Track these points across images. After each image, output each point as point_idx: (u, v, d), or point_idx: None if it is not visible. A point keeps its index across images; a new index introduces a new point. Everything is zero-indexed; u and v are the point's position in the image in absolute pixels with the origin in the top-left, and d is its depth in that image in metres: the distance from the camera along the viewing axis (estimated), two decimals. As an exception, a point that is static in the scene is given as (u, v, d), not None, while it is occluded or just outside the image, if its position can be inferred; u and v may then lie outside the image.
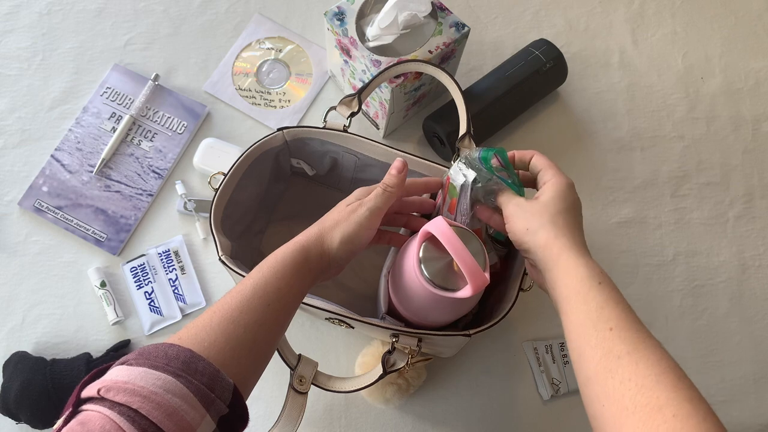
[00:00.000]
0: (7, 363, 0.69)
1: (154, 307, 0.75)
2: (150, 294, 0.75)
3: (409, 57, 0.72)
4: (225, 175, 0.65)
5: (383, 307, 0.63)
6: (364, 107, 0.80)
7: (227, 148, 0.80)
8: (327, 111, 0.69)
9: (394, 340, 0.59)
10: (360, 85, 0.76)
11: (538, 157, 0.58)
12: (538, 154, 0.58)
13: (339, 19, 0.74)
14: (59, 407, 0.66)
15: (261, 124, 0.85)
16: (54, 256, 0.77)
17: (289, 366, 0.60)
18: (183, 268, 0.77)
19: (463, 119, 0.68)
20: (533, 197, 0.55)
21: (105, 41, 0.88)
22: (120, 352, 0.71)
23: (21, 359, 0.69)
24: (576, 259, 0.50)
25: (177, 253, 0.77)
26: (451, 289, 0.53)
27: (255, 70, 0.87)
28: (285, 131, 0.68)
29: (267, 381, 0.72)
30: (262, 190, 0.72)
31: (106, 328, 0.74)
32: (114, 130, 0.82)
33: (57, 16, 0.89)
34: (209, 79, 0.86)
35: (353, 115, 0.69)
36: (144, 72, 0.85)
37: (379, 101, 0.77)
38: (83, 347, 0.73)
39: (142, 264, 0.76)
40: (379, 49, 0.73)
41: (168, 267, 0.76)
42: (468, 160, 0.57)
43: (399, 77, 0.72)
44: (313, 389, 0.61)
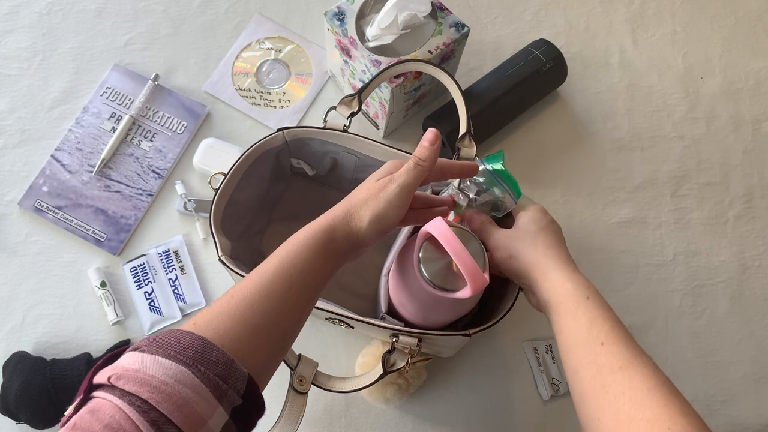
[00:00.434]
0: (7, 363, 0.69)
1: (154, 307, 0.75)
2: (150, 294, 0.75)
3: (409, 57, 0.72)
4: (225, 175, 0.65)
5: (383, 307, 0.63)
6: (364, 107, 0.80)
7: (227, 148, 0.80)
8: (327, 111, 0.69)
9: (394, 340, 0.59)
10: (360, 85, 0.76)
11: None
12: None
13: (339, 19, 0.74)
14: (59, 407, 0.66)
15: (261, 124, 0.85)
16: (54, 256, 0.77)
17: (289, 366, 0.60)
18: (183, 268, 0.77)
19: (463, 119, 0.68)
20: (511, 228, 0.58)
21: (105, 41, 0.88)
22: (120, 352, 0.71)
23: (21, 359, 0.69)
24: (562, 275, 0.51)
25: (177, 253, 0.77)
26: (451, 290, 0.53)
27: (255, 70, 0.87)
28: (285, 131, 0.68)
29: (267, 381, 0.72)
30: (262, 190, 0.72)
31: (106, 328, 0.74)
32: (114, 130, 0.82)
33: (57, 16, 0.89)
34: (209, 79, 0.86)
35: (353, 115, 0.69)
36: (144, 72, 0.85)
37: (379, 101, 0.77)
38: (83, 347, 0.73)
39: (142, 264, 0.76)
40: (379, 49, 0.73)
41: (168, 267, 0.76)
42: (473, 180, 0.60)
43: (399, 77, 0.72)
44: (313, 389, 0.61)
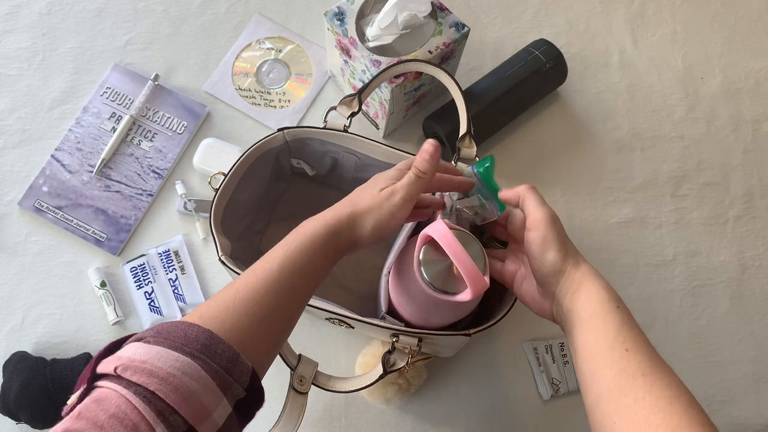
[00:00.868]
0: (7, 363, 0.69)
1: (154, 307, 0.75)
2: (150, 294, 0.75)
3: (409, 57, 0.72)
4: (225, 175, 0.65)
5: (383, 307, 0.63)
6: (364, 107, 0.80)
7: (227, 148, 0.80)
8: (327, 111, 0.69)
9: (394, 339, 0.59)
10: (360, 85, 0.76)
11: (508, 192, 0.60)
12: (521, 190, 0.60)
13: (339, 19, 0.74)
14: (59, 407, 0.65)
15: (261, 124, 0.85)
16: (54, 256, 0.77)
17: (290, 366, 0.60)
18: (183, 268, 0.77)
19: (463, 119, 0.68)
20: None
21: (105, 41, 0.88)
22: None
23: (21, 359, 0.69)
24: (597, 282, 0.52)
25: (177, 253, 0.77)
26: (451, 293, 0.53)
27: (255, 70, 0.87)
28: (285, 131, 0.68)
29: (267, 381, 0.72)
30: (262, 190, 0.72)
31: (106, 328, 0.74)
32: (114, 130, 0.82)
33: (57, 16, 0.89)
34: (209, 79, 0.86)
35: (353, 115, 0.69)
36: (144, 72, 0.85)
37: (379, 101, 0.77)
38: (83, 347, 0.73)
39: (142, 264, 0.76)
40: (379, 49, 0.73)
41: (168, 267, 0.76)
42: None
43: (399, 77, 0.72)
44: (313, 389, 0.61)
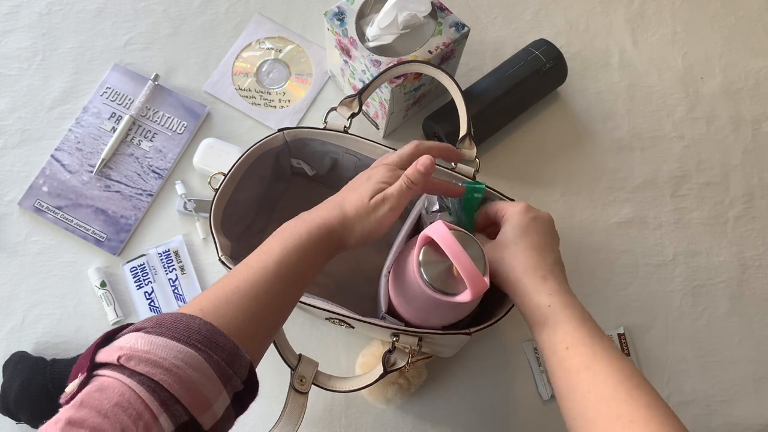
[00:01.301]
0: (7, 363, 0.69)
1: (154, 307, 0.75)
2: (150, 294, 0.75)
3: (409, 57, 0.72)
4: (225, 176, 0.65)
5: (383, 307, 0.63)
6: (364, 107, 0.80)
7: (227, 148, 0.80)
8: (327, 112, 0.69)
9: (394, 339, 0.59)
10: (360, 86, 0.76)
11: (490, 206, 0.63)
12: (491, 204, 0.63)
13: (339, 19, 0.74)
14: (59, 407, 0.66)
15: (261, 124, 0.85)
16: (54, 256, 0.77)
17: (290, 366, 0.60)
18: (183, 268, 0.77)
19: (463, 119, 0.68)
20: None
21: (105, 41, 0.88)
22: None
23: (21, 359, 0.69)
24: (531, 291, 0.53)
25: (177, 253, 0.77)
26: (451, 293, 0.53)
27: (255, 70, 0.87)
28: (285, 132, 0.68)
29: (267, 381, 0.72)
30: (262, 190, 0.72)
31: (106, 328, 0.74)
32: (114, 130, 0.82)
33: (57, 16, 0.89)
34: (209, 79, 0.86)
35: (354, 116, 0.69)
36: (144, 72, 0.85)
37: (379, 101, 0.77)
38: (83, 347, 0.73)
39: (142, 264, 0.76)
40: (379, 49, 0.73)
41: (168, 267, 0.76)
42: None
43: (399, 77, 0.72)
44: (314, 389, 0.61)
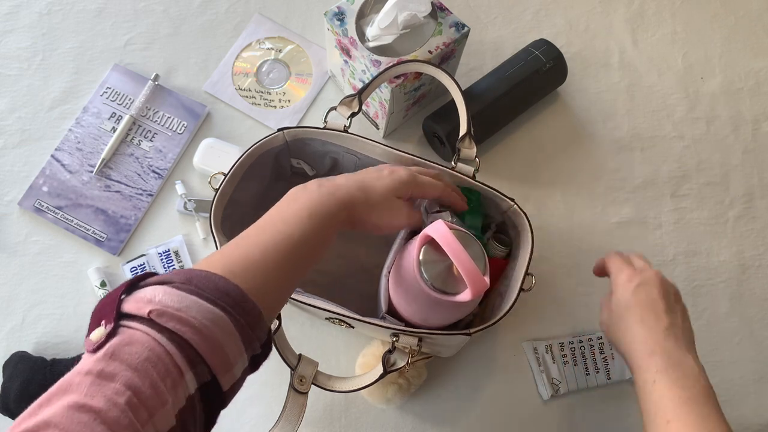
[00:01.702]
0: (7, 363, 0.69)
1: (154, 307, 0.75)
2: (150, 294, 0.75)
3: (409, 57, 0.72)
4: (225, 175, 0.65)
5: (383, 307, 0.63)
6: (364, 107, 0.80)
7: (227, 148, 0.80)
8: (327, 111, 0.69)
9: (394, 339, 0.59)
10: (360, 85, 0.76)
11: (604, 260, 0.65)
12: (607, 257, 0.64)
13: (339, 19, 0.74)
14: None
15: (261, 124, 0.85)
16: (54, 256, 0.77)
17: (290, 366, 0.60)
18: (183, 268, 0.77)
19: (463, 119, 0.68)
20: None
21: (105, 41, 0.87)
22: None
23: (21, 359, 0.69)
24: (635, 364, 0.54)
25: (177, 253, 0.77)
26: (451, 293, 0.53)
27: (255, 70, 0.87)
28: (285, 131, 0.68)
29: (267, 381, 0.72)
30: (262, 190, 0.72)
31: (106, 328, 0.74)
32: (114, 130, 0.82)
33: (57, 16, 0.89)
34: (209, 79, 0.86)
35: (354, 116, 0.69)
36: (144, 72, 0.85)
37: (379, 101, 0.77)
38: (83, 347, 0.73)
39: (142, 264, 0.76)
40: (379, 49, 0.73)
41: (168, 267, 0.76)
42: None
43: (399, 77, 0.72)
44: (314, 389, 0.61)
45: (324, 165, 0.74)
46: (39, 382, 0.66)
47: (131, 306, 0.38)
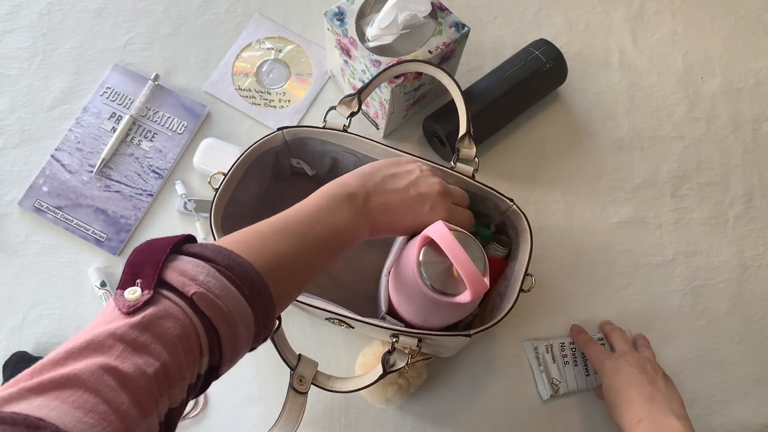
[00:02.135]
0: (7, 363, 0.69)
1: (154, 307, 0.75)
2: (150, 294, 0.75)
3: (409, 57, 0.72)
4: (225, 175, 0.65)
5: (383, 307, 0.63)
6: (363, 107, 0.80)
7: (227, 148, 0.80)
8: (327, 111, 0.69)
9: (394, 340, 0.59)
10: (360, 85, 0.76)
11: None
12: (585, 349, 0.75)
13: (339, 19, 0.74)
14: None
15: (261, 124, 0.85)
16: (54, 256, 0.77)
17: (289, 366, 0.60)
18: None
19: (463, 119, 0.68)
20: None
21: (105, 41, 0.88)
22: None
23: (21, 359, 0.69)
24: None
25: (177, 253, 0.77)
26: (451, 294, 0.53)
27: (255, 70, 0.87)
28: (285, 131, 0.68)
29: (267, 381, 0.72)
30: (262, 190, 0.72)
31: (106, 328, 0.74)
32: (114, 130, 0.82)
33: (57, 16, 0.89)
34: (209, 79, 0.86)
35: (353, 115, 0.69)
36: (144, 72, 0.85)
37: (379, 101, 0.77)
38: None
39: (142, 264, 0.76)
40: (379, 49, 0.73)
41: (168, 267, 0.76)
42: None
43: (399, 77, 0.72)
44: (313, 389, 0.61)
45: (324, 165, 0.74)
46: (39, 382, 0.66)
47: (174, 278, 0.39)
